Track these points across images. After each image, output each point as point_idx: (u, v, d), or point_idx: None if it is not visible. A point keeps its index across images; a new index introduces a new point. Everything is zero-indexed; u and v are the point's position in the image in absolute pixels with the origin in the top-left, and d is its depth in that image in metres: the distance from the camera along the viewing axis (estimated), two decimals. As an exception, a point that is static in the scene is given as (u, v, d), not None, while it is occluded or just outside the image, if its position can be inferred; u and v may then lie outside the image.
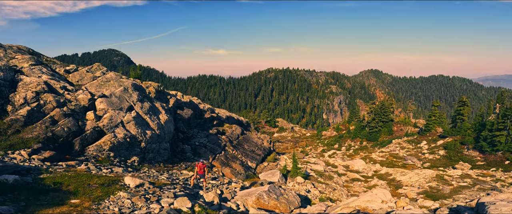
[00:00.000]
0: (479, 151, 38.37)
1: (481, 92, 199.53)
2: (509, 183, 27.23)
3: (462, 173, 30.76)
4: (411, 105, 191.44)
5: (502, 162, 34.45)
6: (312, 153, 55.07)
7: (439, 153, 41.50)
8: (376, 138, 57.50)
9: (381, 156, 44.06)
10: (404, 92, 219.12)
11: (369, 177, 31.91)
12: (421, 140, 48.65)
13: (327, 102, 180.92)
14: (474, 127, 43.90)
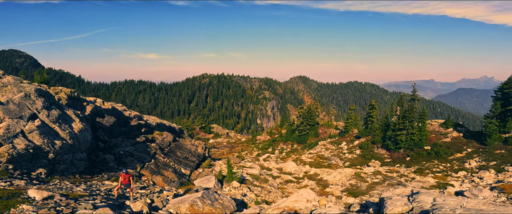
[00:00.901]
0: (386, 149, 43.27)
1: (386, 97, 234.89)
2: (411, 177, 30.93)
3: (375, 170, 34.01)
4: (332, 109, 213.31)
5: (404, 159, 39.17)
6: (247, 157, 56.12)
7: (356, 153, 45.75)
8: (305, 140, 61.53)
9: (309, 157, 47.30)
10: (327, 97, 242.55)
11: (300, 178, 33.84)
12: (342, 141, 53.26)
13: (261, 107, 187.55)
14: (381, 128, 49.37)
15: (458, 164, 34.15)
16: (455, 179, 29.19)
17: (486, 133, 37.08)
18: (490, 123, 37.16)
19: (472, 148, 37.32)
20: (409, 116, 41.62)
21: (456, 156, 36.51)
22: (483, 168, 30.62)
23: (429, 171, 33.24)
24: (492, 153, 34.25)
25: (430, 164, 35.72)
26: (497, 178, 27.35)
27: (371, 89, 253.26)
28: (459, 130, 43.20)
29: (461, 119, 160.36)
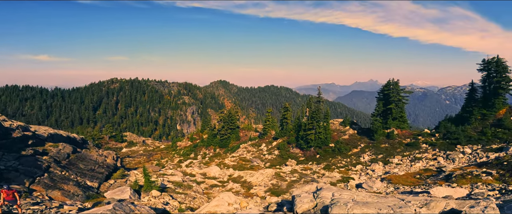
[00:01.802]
0: (300, 148, 47.06)
1: (298, 99, 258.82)
2: (322, 174, 34.33)
3: (292, 169, 36.52)
4: (252, 113, 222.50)
5: (315, 156, 43.21)
6: (168, 164, 53.38)
7: (275, 153, 48.27)
8: (227, 144, 61.90)
9: (232, 160, 47.90)
10: (247, 101, 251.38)
11: (225, 182, 33.90)
12: (261, 142, 55.44)
13: (181, 113, 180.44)
14: (294, 128, 53.20)
15: (355, 158, 40.19)
16: (354, 173, 34.16)
17: (373, 129, 45.03)
18: (375, 120, 45.36)
19: (364, 143, 44.70)
20: (316, 116, 46.82)
21: (353, 151, 42.96)
22: (374, 161, 37.05)
23: (335, 167, 37.78)
24: (379, 147, 41.79)
25: (335, 160, 40.61)
26: (385, 169, 33.50)
27: (286, 93, 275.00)
28: (354, 128, 51.20)
29: (355, 118, 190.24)
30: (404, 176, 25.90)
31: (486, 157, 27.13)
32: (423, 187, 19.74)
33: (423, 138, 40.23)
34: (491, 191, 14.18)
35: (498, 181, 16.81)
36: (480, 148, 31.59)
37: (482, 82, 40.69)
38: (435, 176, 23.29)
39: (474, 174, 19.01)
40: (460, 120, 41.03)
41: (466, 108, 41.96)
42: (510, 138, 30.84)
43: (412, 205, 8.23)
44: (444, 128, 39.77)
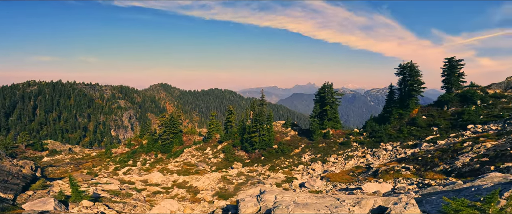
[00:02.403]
0: (245, 151, 47.45)
1: (242, 102, 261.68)
2: (267, 175, 34.91)
3: (238, 172, 36.55)
4: (196, 116, 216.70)
5: (260, 158, 43.93)
6: (102, 173, 48.74)
7: (220, 156, 47.76)
8: (170, 149, 59.45)
9: (176, 165, 46.07)
10: (190, 104, 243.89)
11: (169, 188, 32.43)
12: (206, 146, 54.58)
13: (115, 118, 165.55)
14: (239, 131, 53.61)
15: (297, 158, 42.05)
16: (297, 172, 35.63)
17: (312, 130, 47.89)
18: (313, 121, 48.31)
19: (304, 143, 47.17)
20: (260, 119, 47.84)
21: (295, 151, 44.94)
22: (314, 161, 39.20)
23: (279, 168, 38.93)
24: (317, 147, 44.52)
25: (279, 161, 41.86)
26: (323, 168, 35.67)
27: (230, 96, 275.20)
28: (295, 129, 53.73)
29: (296, 119, 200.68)
30: (340, 174, 27.98)
31: (404, 153, 31.09)
32: (356, 184, 21.54)
33: (354, 137, 44.27)
34: (410, 185, 16.16)
35: (415, 175, 19.36)
36: (399, 144, 36.12)
37: (398, 85, 46.59)
38: (365, 172, 25.69)
39: (395, 169, 21.54)
40: (382, 119, 46.33)
41: (386, 108, 47.55)
42: (422, 135, 35.98)
43: (346, 204, 8.73)
44: (369, 127, 44.43)
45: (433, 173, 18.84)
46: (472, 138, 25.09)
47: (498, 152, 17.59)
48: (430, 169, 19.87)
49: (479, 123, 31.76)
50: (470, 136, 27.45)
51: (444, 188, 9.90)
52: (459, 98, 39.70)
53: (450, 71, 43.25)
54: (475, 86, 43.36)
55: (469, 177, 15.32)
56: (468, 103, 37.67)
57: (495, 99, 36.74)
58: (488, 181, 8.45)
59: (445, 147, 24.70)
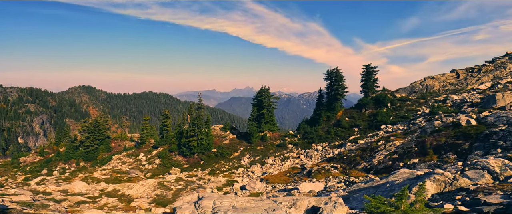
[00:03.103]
0: (183, 156, 46.03)
1: (179, 106, 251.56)
2: (207, 179, 34.43)
3: (176, 177, 35.32)
4: (125, 121, 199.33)
5: (199, 162, 43.15)
6: (9, 183, 42.36)
7: (155, 162, 45.61)
8: (95, 156, 54.25)
9: (104, 173, 42.24)
10: (119, 108, 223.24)
11: (96, 197, 29.49)
12: (139, 152, 51.53)
13: (24, 124, 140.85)
14: (176, 136, 51.97)
15: (237, 161, 42.41)
16: (237, 175, 35.96)
17: (250, 133, 48.85)
18: (251, 125, 49.39)
19: (243, 146, 47.77)
20: (198, 123, 46.87)
21: (235, 154, 45.25)
22: (253, 163, 40.05)
23: (219, 171, 38.70)
24: (256, 150, 45.56)
25: (219, 165, 41.67)
26: (262, 170, 36.70)
27: (165, 99, 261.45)
28: (233, 132, 54.02)
29: (235, 123, 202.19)
30: (278, 175, 29.16)
31: (332, 153, 34.14)
32: (293, 184, 22.74)
33: (289, 139, 46.74)
34: (339, 183, 17.80)
35: (342, 174, 21.43)
36: (328, 145, 39.54)
37: (326, 89, 51.13)
38: (300, 172, 27.32)
39: (326, 169, 23.48)
40: (313, 121, 50.13)
41: (316, 111, 51.64)
42: (346, 136, 40.10)
43: (283, 206, 9.07)
44: (302, 129, 47.56)
45: (356, 170, 21.15)
46: (385, 137, 29.05)
47: (405, 150, 20.77)
48: (354, 167, 22.25)
49: (390, 123, 36.97)
50: (383, 135, 31.73)
51: (366, 184, 11.14)
52: (374, 102, 45.53)
53: (367, 77, 49.38)
54: (386, 90, 50.37)
55: (384, 173, 17.68)
56: (381, 106, 43.49)
57: (402, 102, 43.31)
58: (398, 177, 9.81)
59: (364, 146, 27.99)
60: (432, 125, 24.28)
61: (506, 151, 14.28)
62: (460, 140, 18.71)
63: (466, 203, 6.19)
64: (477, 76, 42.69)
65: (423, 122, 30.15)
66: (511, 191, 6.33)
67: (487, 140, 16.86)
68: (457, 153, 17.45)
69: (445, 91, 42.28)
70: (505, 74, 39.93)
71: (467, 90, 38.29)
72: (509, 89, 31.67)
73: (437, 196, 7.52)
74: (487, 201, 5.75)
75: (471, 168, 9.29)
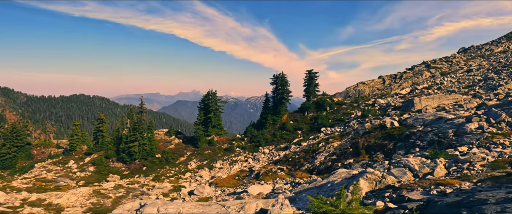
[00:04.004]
0: (122, 162, 43.29)
1: (117, 110, 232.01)
2: (152, 185, 32.82)
3: (115, 184, 33.09)
4: (50, 126, 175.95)
5: (141, 169, 41.03)
6: None
7: (89, 170, 42.25)
8: (13, 164, 48.38)
9: (25, 182, 37.43)
10: (43, 112, 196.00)
11: (18, 207, 25.94)
12: (69, 159, 46.89)
13: None
14: (113, 141, 48.78)
15: (183, 166, 41.15)
16: (185, 180, 34.86)
17: (197, 137, 47.75)
18: (198, 129, 48.32)
19: (190, 151, 46.43)
20: (139, 127, 44.23)
21: (181, 159, 43.75)
22: (201, 167, 39.23)
23: (165, 177, 37.18)
24: (203, 154, 44.70)
25: (164, 170, 40.02)
26: (211, 174, 36.26)
27: (101, 103, 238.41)
28: (179, 137, 52.09)
29: (180, 127, 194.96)
30: (227, 179, 29.04)
31: (278, 155, 35.42)
32: (243, 187, 22.89)
33: (236, 142, 46.98)
34: (286, 185, 18.52)
35: (289, 175, 22.37)
36: (274, 147, 40.90)
37: (272, 94, 53.03)
38: (249, 175, 27.65)
39: (273, 171, 24.22)
40: (260, 125, 51.38)
41: (263, 115, 53.09)
42: (291, 138, 42.02)
43: (232, 210, 9.06)
44: (249, 133, 48.35)
45: (301, 172, 22.31)
46: (325, 139, 31.31)
47: (342, 150, 22.69)
48: (298, 169, 23.44)
49: (329, 125, 40.00)
50: (323, 137, 34.17)
51: (310, 185, 11.84)
52: (315, 105, 48.76)
53: (309, 82, 52.71)
54: (326, 95, 54.44)
55: (325, 173, 19.03)
56: (321, 110, 46.80)
57: (339, 106, 47.27)
58: (337, 177, 10.67)
59: (307, 148, 29.72)
60: (363, 127, 27.04)
61: (423, 150, 16.74)
62: (386, 141, 21.25)
63: (393, 200, 7.08)
64: (399, 82, 49.02)
65: (356, 124, 33.36)
66: (429, 188, 7.45)
67: (407, 140, 19.50)
68: (384, 153, 19.78)
69: (374, 96, 47.53)
70: (421, 80, 46.62)
71: (391, 95, 43.66)
72: (425, 94, 37.18)
73: (370, 194, 8.41)
74: (410, 198, 6.66)
75: (396, 166, 10.63)
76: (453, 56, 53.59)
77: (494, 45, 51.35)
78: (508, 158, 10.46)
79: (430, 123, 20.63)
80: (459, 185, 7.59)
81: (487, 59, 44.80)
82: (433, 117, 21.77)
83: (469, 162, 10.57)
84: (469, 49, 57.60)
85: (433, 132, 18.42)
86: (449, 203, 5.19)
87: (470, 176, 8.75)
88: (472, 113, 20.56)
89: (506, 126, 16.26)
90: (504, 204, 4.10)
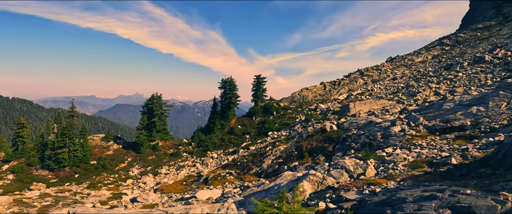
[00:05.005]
0: (48, 170, 39.23)
1: (42, 114, 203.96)
2: (86, 193, 30.33)
3: (41, 193, 30.35)
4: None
5: (73, 176, 37.71)
6: None
7: (8, 178, 37.58)
8: None
9: None
10: None
11: None
12: None
13: None
14: (37, 148, 44.11)
15: (124, 173, 38.41)
16: (126, 187, 32.63)
17: (139, 143, 44.92)
18: (141, 134, 45.51)
19: (131, 157, 43.40)
20: (69, 133, 40.44)
21: (121, 166, 40.75)
22: (144, 174, 37.02)
23: (102, 184, 34.48)
24: (147, 160, 42.23)
25: (101, 177, 37.04)
26: (156, 180, 34.50)
27: (21, 106, 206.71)
28: (118, 142, 48.25)
29: (120, 132, 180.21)
30: (174, 184, 27.91)
31: (227, 159, 35.37)
32: (191, 193, 22.25)
33: (183, 147, 45.48)
34: (235, 189, 18.57)
35: (237, 179, 22.47)
36: (222, 152, 40.70)
37: (221, 98, 52.83)
38: (197, 180, 27.02)
39: (222, 175, 24.07)
40: (208, 129, 50.67)
41: (211, 119, 52.51)
42: (239, 142, 42.32)
43: (176, 216, 8.77)
44: (197, 137, 47.31)
45: (250, 175, 22.65)
46: (272, 143, 32.39)
47: (288, 154, 23.76)
48: (247, 172, 23.76)
49: (276, 129, 41.50)
50: (270, 141, 35.31)
51: (258, 188, 12.14)
52: (262, 110, 50.10)
53: (258, 87, 53.98)
54: (273, 100, 56.35)
55: (273, 176, 19.67)
56: (268, 114, 48.29)
57: (285, 110, 49.36)
58: (284, 180, 11.19)
59: (255, 152, 30.36)
60: (306, 130, 28.78)
61: (357, 152, 18.54)
62: (326, 143, 22.98)
63: (333, 201, 7.74)
64: (338, 89, 53.47)
65: (301, 128, 35.31)
66: (363, 187, 8.33)
67: (344, 143, 21.39)
68: (325, 155, 21.36)
69: (316, 101, 50.94)
70: (356, 87, 51.53)
71: (331, 100, 47.34)
72: (359, 100, 41.20)
73: (313, 195, 9.04)
74: (347, 198, 7.36)
75: (334, 168, 11.61)
76: (382, 65, 60.34)
77: (415, 56, 58.96)
78: (425, 158, 12.26)
79: (363, 126, 22.99)
80: (386, 184, 8.67)
81: (409, 68, 51.57)
82: (365, 120, 24.31)
83: (393, 162, 12.11)
84: (395, 58, 65.03)
85: (365, 135, 20.57)
86: (376, 202, 5.90)
87: (395, 175, 10.05)
88: (396, 117, 23.53)
89: (424, 128, 19.03)
90: (420, 202, 4.85)
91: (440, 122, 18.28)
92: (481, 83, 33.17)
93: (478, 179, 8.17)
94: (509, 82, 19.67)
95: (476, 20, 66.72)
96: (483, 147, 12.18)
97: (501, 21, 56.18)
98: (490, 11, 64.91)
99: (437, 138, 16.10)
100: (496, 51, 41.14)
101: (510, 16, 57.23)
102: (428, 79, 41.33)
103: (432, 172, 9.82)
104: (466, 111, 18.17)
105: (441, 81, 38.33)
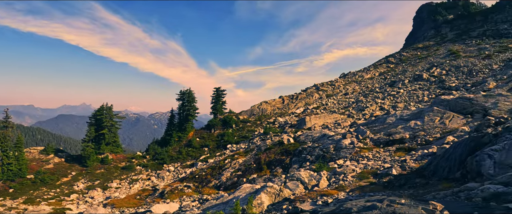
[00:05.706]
0: None
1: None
2: (23, 209, 27.84)
3: None
4: None
5: (7, 191, 34.01)
6: None
7: None
8: None
9: None
10: None
11: None
12: None
13: None
14: None
15: (67, 187, 35.09)
16: (70, 202, 29.76)
17: (86, 156, 41.34)
18: (87, 146, 41.99)
19: (76, 171, 39.69)
20: (2, 145, 36.31)
21: (63, 180, 37.16)
22: (91, 188, 34.08)
23: (41, 199, 31.56)
24: (94, 173, 38.94)
25: (40, 192, 33.94)
26: (105, 194, 31.96)
27: None
28: (60, 156, 43.86)
29: (63, 144, 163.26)
30: (126, 199, 26.10)
31: (184, 172, 34.25)
32: (145, 207, 21.00)
33: (137, 160, 42.95)
34: (193, 202, 18.07)
35: (196, 192, 21.88)
36: (180, 165, 39.34)
37: (179, 110, 51.44)
38: (152, 194, 25.65)
39: (179, 189, 23.20)
40: (164, 142, 48.70)
41: (167, 132, 50.65)
42: (197, 155, 41.35)
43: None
44: (152, 150, 45.15)
45: (208, 188, 22.23)
46: (231, 155, 32.33)
47: (247, 166, 23.94)
48: (206, 185, 23.29)
49: (235, 142, 41.51)
50: (229, 154, 35.21)
51: (217, 201, 12.07)
52: (222, 123, 49.87)
53: (217, 100, 53.76)
54: (232, 113, 56.47)
55: (232, 189, 19.59)
56: (227, 127, 48.20)
57: (244, 123, 49.76)
58: (243, 192, 11.33)
59: (214, 164, 29.98)
60: (265, 143, 29.40)
61: (312, 164, 19.48)
62: (284, 156, 23.72)
63: (290, 212, 8.10)
64: (295, 103, 55.69)
65: (259, 141, 35.90)
66: (316, 199, 8.87)
67: (300, 155, 22.33)
68: (282, 167, 22.00)
69: (275, 114, 52.37)
70: (312, 101, 54.19)
71: (288, 114, 49.08)
72: (314, 113, 43.38)
73: (271, 207, 9.33)
74: (303, 209, 7.78)
75: (290, 180, 12.11)
76: (336, 80, 64.47)
77: (365, 72, 63.99)
78: (371, 169, 13.42)
79: (317, 139, 24.29)
80: (337, 195, 9.35)
81: (359, 84, 55.89)
82: (319, 133, 25.72)
83: (343, 174, 13.06)
84: (347, 74, 69.65)
85: (319, 148, 21.76)
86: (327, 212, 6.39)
87: (344, 186, 10.88)
88: (346, 130, 25.32)
89: (370, 141, 20.79)
90: (363, 212, 5.38)
91: (384, 135, 20.18)
92: (419, 99, 37.43)
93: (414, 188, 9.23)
94: (442, 99, 22.59)
95: (417, 40, 74.97)
96: (419, 158, 13.73)
97: (439, 42, 63.66)
98: (430, 31, 73.62)
99: (381, 150, 17.72)
100: (433, 70, 46.92)
101: (447, 36, 65.18)
102: (375, 95, 45.36)
103: (376, 183, 10.82)
104: (405, 125, 20.36)
105: (386, 97, 42.37)
